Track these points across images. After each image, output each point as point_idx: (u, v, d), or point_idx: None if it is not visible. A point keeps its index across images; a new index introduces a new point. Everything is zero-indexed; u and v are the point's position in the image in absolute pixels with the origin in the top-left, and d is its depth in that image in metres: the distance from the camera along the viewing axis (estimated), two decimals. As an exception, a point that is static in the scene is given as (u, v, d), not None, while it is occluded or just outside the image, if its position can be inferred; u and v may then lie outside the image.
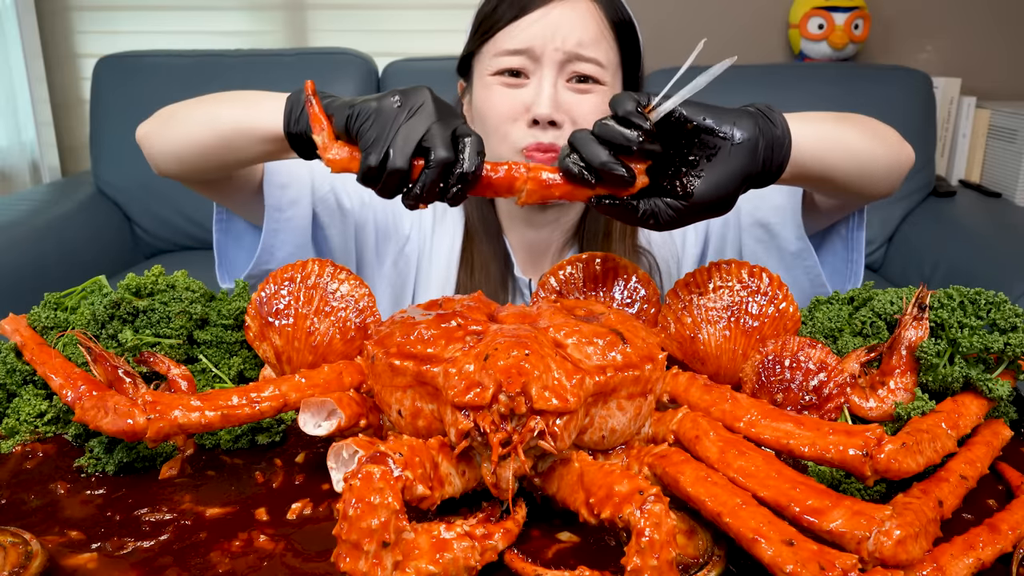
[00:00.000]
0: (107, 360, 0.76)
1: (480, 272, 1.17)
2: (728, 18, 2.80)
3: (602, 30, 1.08)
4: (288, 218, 1.08)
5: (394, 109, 0.70)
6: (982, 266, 2.08)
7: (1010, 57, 2.81)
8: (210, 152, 0.94)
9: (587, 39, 1.06)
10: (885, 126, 0.99)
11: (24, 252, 2.15)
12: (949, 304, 0.76)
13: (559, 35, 1.05)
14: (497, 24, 1.08)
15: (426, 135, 0.69)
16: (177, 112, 0.98)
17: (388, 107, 0.70)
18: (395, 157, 0.68)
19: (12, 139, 2.78)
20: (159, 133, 0.99)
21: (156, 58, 2.58)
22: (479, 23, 1.11)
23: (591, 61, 1.06)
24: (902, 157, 0.99)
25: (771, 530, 0.53)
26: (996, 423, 0.73)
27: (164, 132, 0.98)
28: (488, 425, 0.58)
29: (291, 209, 1.08)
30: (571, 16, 1.05)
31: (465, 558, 0.55)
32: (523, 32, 1.06)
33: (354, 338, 0.79)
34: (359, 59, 2.57)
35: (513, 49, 1.06)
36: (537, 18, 1.05)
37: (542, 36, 1.05)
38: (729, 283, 0.80)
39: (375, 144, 0.69)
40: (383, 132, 0.69)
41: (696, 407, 0.69)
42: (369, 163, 0.69)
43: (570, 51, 1.05)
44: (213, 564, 0.59)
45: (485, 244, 1.18)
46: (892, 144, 0.98)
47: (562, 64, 1.06)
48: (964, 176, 2.69)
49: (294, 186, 1.09)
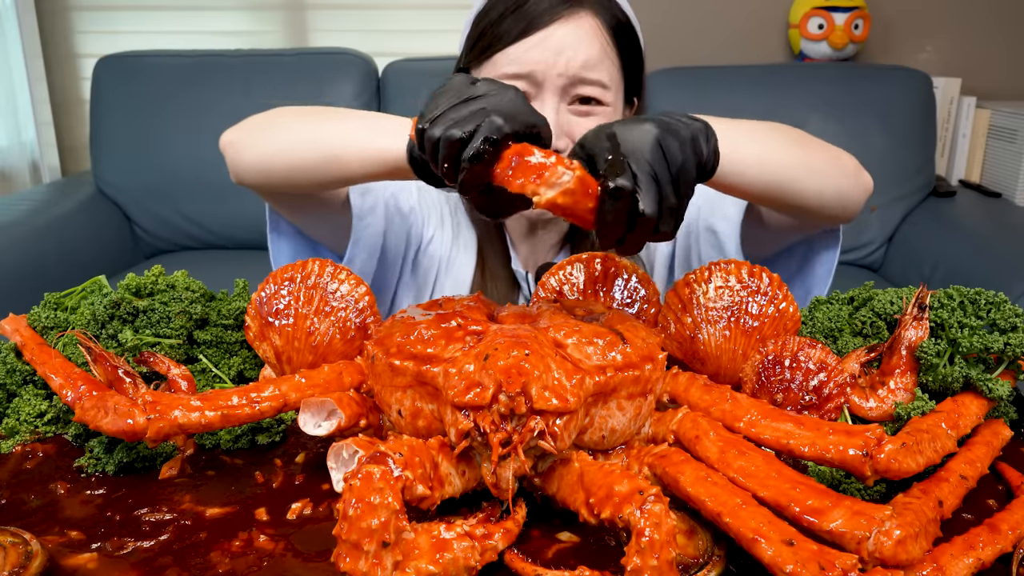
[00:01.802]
0: (107, 360, 0.76)
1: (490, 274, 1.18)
2: (728, 18, 2.80)
3: (605, 48, 1.04)
4: (367, 225, 1.07)
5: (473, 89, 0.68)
6: (982, 266, 2.08)
7: (1010, 57, 2.81)
8: (308, 167, 0.90)
9: (591, 60, 1.02)
10: (844, 153, 0.96)
11: (24, 252, 2.15)
12: (949, 304, 0.76)
13: (562, 59, 1.01)
14: (495, 45, 1.04)
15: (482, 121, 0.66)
16: (275, 121, 0.95)
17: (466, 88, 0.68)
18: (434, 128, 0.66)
19: (12, 139, 2.78)
20: (251, 142, 0.96)
21: (156, 58, 2.58)
22: (477, 37, 1.07)
23: (595, 83, 1.03)
24: (861, 181, 0.96)
25: (771, 530, 0.53)
26: (996, 423, 0.73)
27: (257, 142, 0.95)
28: (488, 425, 0.58)
29: (369, 216, 1.07)
30: (575, 36, 1.02)
31: (465, 558, 0.55)
32: (524, 55, 1.02)
33: (354, 338, 0.79)
34: (359, 59, 2.57)
35: (514, 74, 1.02)
36: (539, 40, 1.01)
37: (544, 61, 1.01)
38: (729, 283, 0.80)
39: (441, 118, 0.67)
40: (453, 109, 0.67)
41: (696, 407, 0.70)
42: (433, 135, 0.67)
43: (574, 75, 1.02)
44: (213, 564, 0.59)
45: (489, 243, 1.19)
46: (845, 164, 0.95)
47: (565, 88, 1.03)
48: (964, 176, 2.69)
49: (371, 192, 1.07)
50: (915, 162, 2.49)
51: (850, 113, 2.46)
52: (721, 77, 2.52)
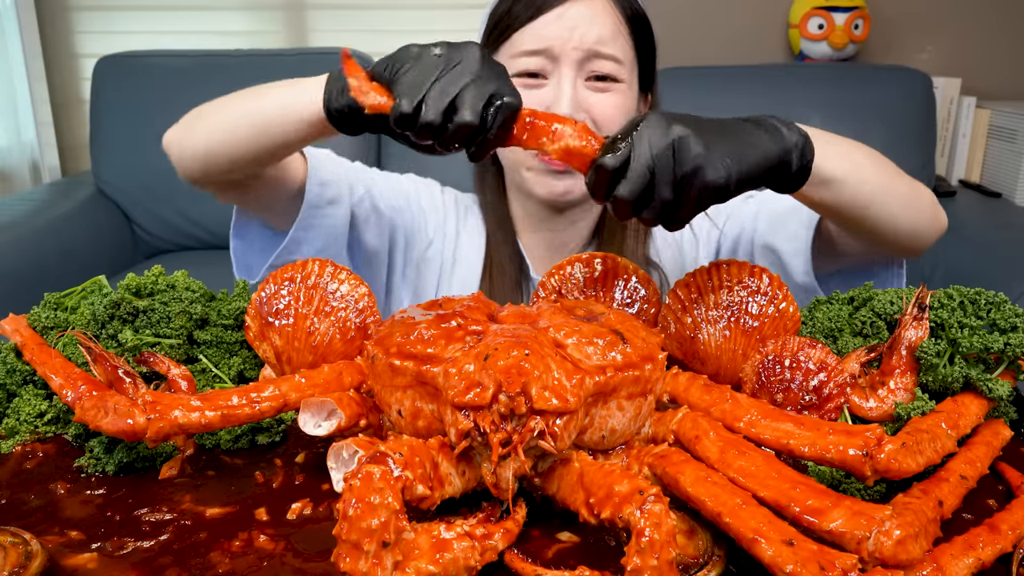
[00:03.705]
0: (107, 360, 0.76)
1: (498, 276, 1.18)
2: (728, 18, 2.80)
3: (618, 26, 1.07)
4: (324, 215, 1.07)
5: (434, 59, 0.70)
6: (982, 266, 2.08)
7: (1010, 57, 2.80)
8: (243, 143, 0.91)
9: (605, 35, 1.05)
10: (925, 189, 0.97)
11: (24, 252, 2.15)
12: (949, 304, 0.76)
13: (577, 33, 1.04)
14: (513, 25, 1.07)
15: (459, 94, 0.69)
16: (205, 110, 0.97)
17: (429, 58, 0.70)
18: (427, 111, 0.68)
19: (12, 139, 2.78)
20: (188, 133, 0.97)
21: (156, 58, 2.58)
22: (493, 25, 1.10)
23: (609, 58, 1.06)
24: (936, 219, 0.97)
25: (771, 530, 0.53)
26: (996, 423, 0.73)
27: (193, 131, 0.96)
28: (488, 425, 0.58)
29: (328, 207, 1.07)
30: (588, 13, 1.05)
31: (465, 558, 0.55)
32: (540, 32, 1.05)
33: (354, 338, 0.79)
34: (359, 59, 2.57)
35: (531, 50, 1.05)
36: (554, 18, 1.05)
37: (560, 36, 1.04)
38: (729, 283, 0.80)
39: (410, 90, 0.69)
40: (419, 80, 0.69)
41: (696, 407, 0.69)
42: (402, 108, 0.69)
43: (589, 48, 1.05)
44: (213, 564, 0.59)
45: (502, 247, 1.19)
46: (924, 198, 0.95)
47: (581, 63, 1.05)
48: (964, 176, 2.69)
49: (334, 186, 1.08)
50: (915, 162, 2.49)
51: (850, 113, 2.46)
52: (721, 77, 2.52)
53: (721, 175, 0.68)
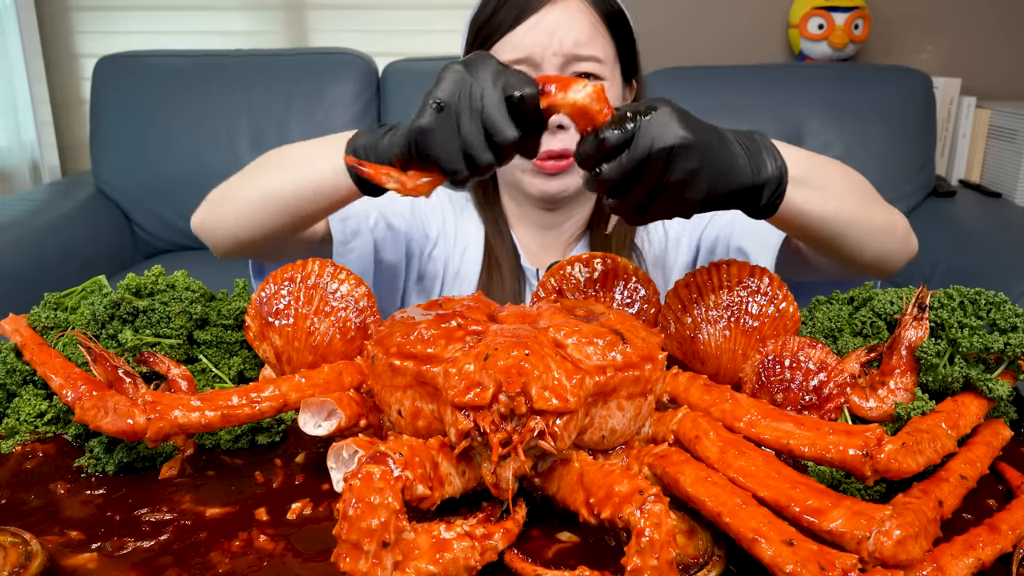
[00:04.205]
0: (107, 360, 0.76)
1: (496, 269, 1.19)
2: (728, 18, 2.80)
3: (596, 26, 1.09)
4: (351, 249, 1.10)
5: (452, 120, 0.70)
6: (982, 266, 2.08)
7: (1010, 57, 2.81)
8: (272, 224, 0.93)
9: (583, 38, 1.07)
10: (898, 215, 0.97)
11: (24, 252, 2.15)
12: (949, 304, 0.76)
13: (555, 38, 1.06)
14: (493, 36, 1.09)
15: (486, 122, 0.69)
16: (228, 192, 0.98)
17: (444, 121, 0.70)
18: (478, 158, 0.70)
19: (12, 139, 2.78)
20: (216, 215, 0.98)
21: (156, 58, 2.58)
22: (475, 33, 1.12)
23: (589, 59, 1.07)
24: (907, 246, 0.96)
25: (771, 530, 0.53)
26: (996, 423, 0.73)
27: (221, 212, 0.98)
28: (488, 425, 0.58)
29: (354, 240, 1.10)
30: (564, 18, 1.07)
31: (465, 558, 0.55)
32: (521, 41, 1.07)
33: (354, 338, 0.79)
34: (359, 59, 2.57)
35: (512, 60, 1.07)
36: (532, 24, 1.06)
37: (539, 43, 1.06)
38: (729, 283, 0.80)
39: (449, 160, 0.70)
40: (447, 141, 0.69)
41: (696, 407, 0.69)
42: (456, 176, 0.71)
43: (568, 52, 1.06)
44: (213, 564, 0.59)
45: (499, 241, 1.20)
46: (898, 228, 0.95)
47: (562, 67, 1.07)
48: (964, 176, 2.69)
49: (353, 219, 1.10)
50: (915, 162, 2.49)
51: (850, 113, 2.46)
52: (721, 77, 2.52)
53: (699, 197, 0.70)
